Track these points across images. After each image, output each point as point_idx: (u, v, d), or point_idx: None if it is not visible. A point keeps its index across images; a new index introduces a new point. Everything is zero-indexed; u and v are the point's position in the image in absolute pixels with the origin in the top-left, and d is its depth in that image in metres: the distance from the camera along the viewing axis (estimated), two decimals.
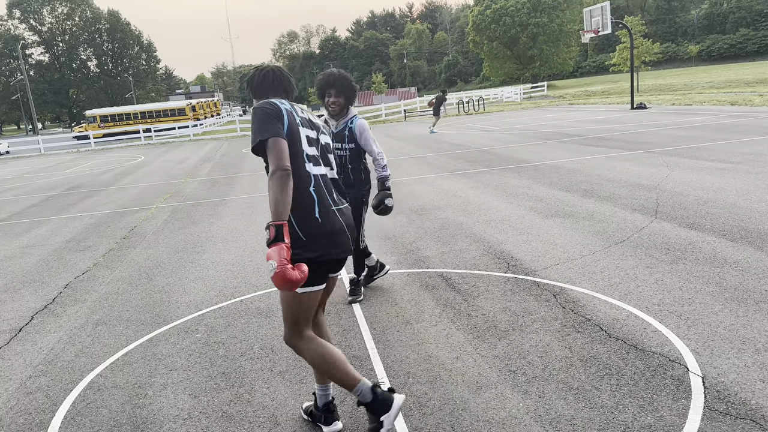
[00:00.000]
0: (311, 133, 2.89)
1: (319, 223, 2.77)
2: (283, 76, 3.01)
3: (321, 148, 2.95)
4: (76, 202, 12.69)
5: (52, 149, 37.40)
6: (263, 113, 2.75)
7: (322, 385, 3.09)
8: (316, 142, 2.91)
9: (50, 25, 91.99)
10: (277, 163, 2.61)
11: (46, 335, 4.92)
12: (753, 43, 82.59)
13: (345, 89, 4.58)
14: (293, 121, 2.80)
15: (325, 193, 2.83)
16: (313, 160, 2.84)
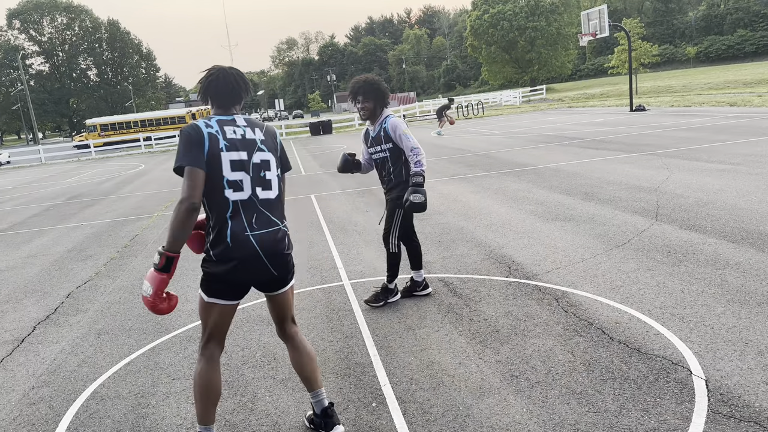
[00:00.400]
0: (240, 155, 2.80)
1: (229, 247, 2.77)
2: (230, 80, 2.91)
3: (254, 167, 2.84)
4: (77, 212, 12.70)
5: (52, 159, 37.47)
6: (186, 138, 2.77)
7: (312, 392, 3.14)
8: (246, 164, 2.81)
9: (50, 35, 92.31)
10: (187, 194, 2.67)
11: (48, 345, 4.92)
12: (751, 43, 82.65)
13: (371, 94, 4.60)
14: (215, 146, 2.76)
15: (242, 219, 2.79)
16: (234, 186, 2.78)
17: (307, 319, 4.83)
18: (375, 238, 7.42)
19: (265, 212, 2.85)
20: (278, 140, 3.02)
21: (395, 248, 4.83)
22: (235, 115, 2.94)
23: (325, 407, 3.11)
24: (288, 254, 2.94)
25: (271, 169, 2.90)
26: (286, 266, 2.93)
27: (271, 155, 2.92)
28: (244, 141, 2.84)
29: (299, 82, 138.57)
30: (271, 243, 2.84)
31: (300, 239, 7.78)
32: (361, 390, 3.58)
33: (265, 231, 2.83)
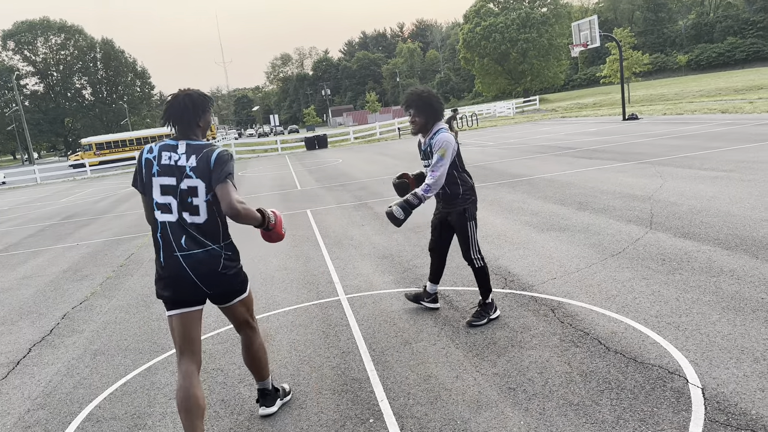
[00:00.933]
0: (169, 181, 2.99)
1: (161, 266, 3.05)
2: (178, 106, 3.08)
3: (181, 193, 2.98)
4: (73, 231, 12.68)
5: (48, 178, 37.44)
6: (137, 162, 3.17)
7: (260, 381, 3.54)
8: (174, 189, 2.99)
9: (44, 55, 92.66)
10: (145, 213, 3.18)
11: (43, 367, 4.89)
12: (741, 51, 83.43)
13: (423, 109, 4.50)
14: (149, 172, 3.04)
15: (170, 239, 2.99)
16: (162, 208, 3.00)
17: (304, 335, 4.82)
18: (371, 251, 7.43)
19: (194, 234, 3.00)
20: (211, 165, 2.99)
21: (480, 262, 4.63)
22: (180, 141, 3.08)
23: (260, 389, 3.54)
24: (223, 273, 3.06)
25: (198, 195, 3.00)
26: (220, 284, 3.09)
27: (198, 182, 2.99)
28: (175, 167, 3.01)
29: (294, 97, 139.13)
30: (200, 263, 3.00)
31: (296, 254, 7.77)
32: (359, 406, 3.56)
33: (194, 252, 2.99)
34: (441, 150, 4.37)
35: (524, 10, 76.38)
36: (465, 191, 4.60)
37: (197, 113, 3.10)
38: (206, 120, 3.16)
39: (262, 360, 3.49)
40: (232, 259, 3.12)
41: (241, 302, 3.27)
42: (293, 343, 4.69)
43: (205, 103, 3.13)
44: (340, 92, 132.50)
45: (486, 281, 4.63)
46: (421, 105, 4.51)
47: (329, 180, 16.72)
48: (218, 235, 3.07)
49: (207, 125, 3.18)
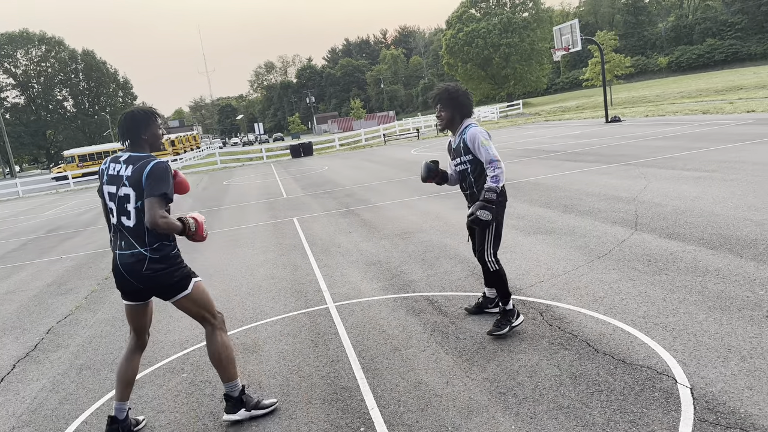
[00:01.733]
0: (112, 189, 3.42)
1: (112, 260, 3.54)
2: (121, 124, 3.50)
3: (119, 199, 3.40)
4: (57, 245, 12.53)
5: (30, 192, 37.01)
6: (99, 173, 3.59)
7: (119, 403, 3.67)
8: (114, 196, 3.42)
9: (25, 67, 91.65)
10: None
11: (28, 384, 4.81)
12: (720, 52, 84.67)
13: (448, 103, 4.42)
14: (102, 181, 3.50)
15: (115, 240, 3.49)
16: (110, 212, 3.47)
17: (292, 345, 4.79)
18: (359, 258, 7.41)
19: (127, 236, 3.41)
20: (143, 177, 3.32)
21: (494, 265, 4.38)
22: (126, 153, 3.48)
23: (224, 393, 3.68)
24: (146, 274, 3.39)
25: (130, 201, 3.37)
26: (147, 282, 3.42)
27: (131, 190, 3.36)
28: (116, 177, 3.42)
29: (278, 105, 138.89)
30: (129, 262, 3.40)
31: (283, 263, 7.74)
32: (349, 415, 3.54)
33: (124, 252, 3.42)
34: (481, 142, 4.26)
35: (506, 15, 76.92)
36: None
37: (139, 129, 3.46)
38: (151, 133, 3.50)
39: (222, 359, 3.60)
40: (158, 262, 3.40)
41: (184, 299, 3.53)
42: (282, 353, 4.66)
43: (146, 119, 3.48)
44: (325, 99, 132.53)
45: (502, 286, 4.39)
46: (447, 99, 4.43)
47: (315, 187, 16.69)
48: (144, 239, 3.38)
49: (153, 137, 3.52)
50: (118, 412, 3.59)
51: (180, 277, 3.49)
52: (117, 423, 3.57)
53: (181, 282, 3.50)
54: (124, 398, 3.61)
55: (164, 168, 3.34)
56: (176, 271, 3.47)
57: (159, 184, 3.29)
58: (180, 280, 3.49)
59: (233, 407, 3.63)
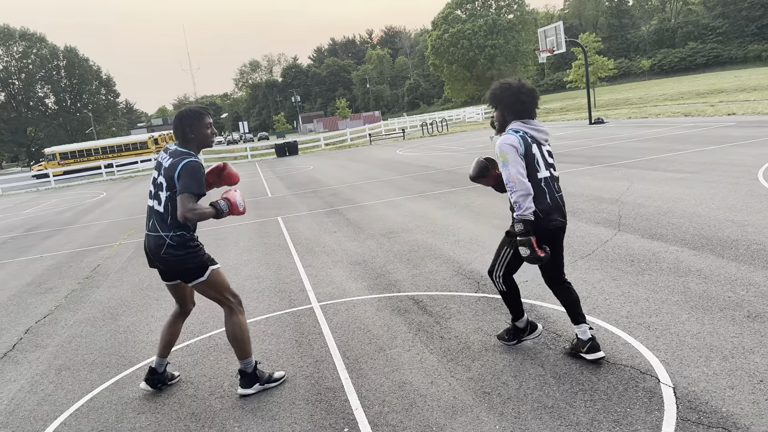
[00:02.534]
0: (155, 173, 3.80)
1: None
2: (174, 122, 3.86)
3: (156, 185, 3.77)
4: (37, 243, 12.34)
5: (10, 189, 36.46)
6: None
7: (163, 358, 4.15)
8: (154, 181, 3.80)
9: (5, 63, 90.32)
10: None
11: (6, 384, 4.72)
12: (701, 55, 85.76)
13: (495, 100, 3.82)
14: (154, 167, 3.88)
15: (147, 220, 3.83)
16: (150, 194, 3.84)
17: (276, 345, 4.75)
18: (343, 258, 7.38)
19: (154, 220, 3.75)
20: (176, 173, 3.61)
21: (500, 286, 3.99)
22: (173, 146, 3.82)
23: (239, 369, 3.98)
24: (164, 257, 3.70)
25: (162, 190, 3.71)
26: (165, 265, 3.77)
27: (163, 180, 3.70)
28: (159, 164, 3.80)
29: (263, 103, 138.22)
30: (152, 244, 3.75)
31: (267, 262, 7.68)
32: (333, 415, 3.51)
33: (151, 233, 3.77)
34: (501, 156, 3.63)
35: (491, 17, 77.33)
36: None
37: (185, 127, 3.77)
38: (197, 131, 3.79)
39: (238, 338, 3.87)
40: (176, 248, 3.69)
41: (201, 284, 3.81)
42: (266, 353, 4.61)
43: (193, 118, 3.78)
44: (310, 99, 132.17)
45: (512, 304, 4.03)
46: (494, 96, 3.84)
47: (300, 187, 16.62)
48: (167, 224, 3.68)
49: (201, 135, 3.80)
50: (158, 365, 4.11)
51: (196, 264, 3.76)
52: (156, 374, 4.09)
53: (198, 269, 3.77)
54: (163, 355, 4.10)
55: (196, 167, 3.61)
56: (193, 259, 3.74)
57: (189, 181, 3.56)
58: (195, 268, 3.77)
59: (248, 383, 3.90)
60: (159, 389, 4.14)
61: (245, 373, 3.91)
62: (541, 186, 3.65)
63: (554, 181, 3.75)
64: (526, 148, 3.63)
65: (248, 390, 3.90)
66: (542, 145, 3.75)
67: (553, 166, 3.77)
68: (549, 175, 3.70)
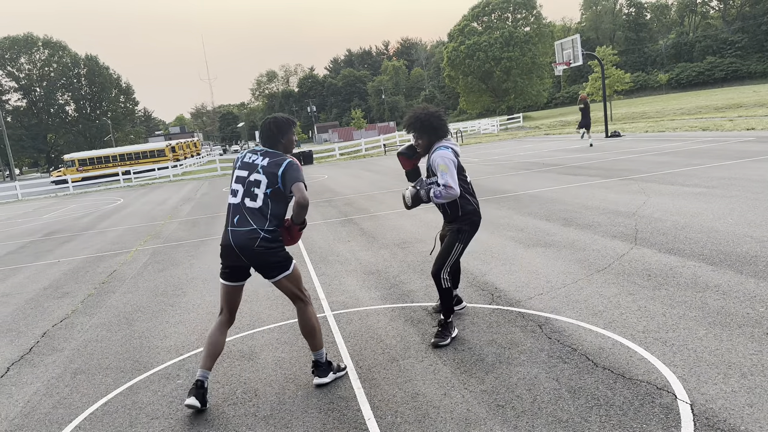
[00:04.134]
0: (243, 173, 3.92)
1: (222, 236, 3.99)
2: (266, 128, 4.02)
3: (248, 183, 3.88)
4: (54, 248, 12.49)
5: (30, 195, 36.97)
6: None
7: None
8: (244, 180, 3.91)
9: (28, 71, 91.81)
10: None
11: (22, 387, 4.77)
12: (720, 70, 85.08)
13: (421, 131, 4.55)
14: (235, 166, 4.02)
15: (229, 216, 3.92)
16: (232, 193, 3.96)
17: (289, 353, 4.76)
18: (357, 267, 7.38)
19: (245, 215, 3.85)
20: (281, 170, 3.83)
21: (447, 283, 4.54)
22: (264, 149, 4.01)
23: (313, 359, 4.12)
24: (256, 250, 3.81)
25: (260, 187, 3.84)
26: (254, 258, 3.85)
27: (263, 177, 3.84)
28: (251, 164, 3.93)
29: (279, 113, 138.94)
30: (243, 238, 3.81)
31: None
32: (345, 425, 3.51)
33: (238, 229, 3.84)
34: (440, 167, 4.36)
35: (508, 29, 77.35)
36: (466, 212, 4.58)
37: (280, 134, 4.01)
38: (288, 138, 4.05)
39: (311, 331, 4.06)
40: (270, 241, 3.84)
41: (285, 278, 3.97)
42: (279, 361, 4.62)
43: (287, 126, 4.04)
44: (326, 109, 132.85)
45: (449, 301, 4.58)
46: (417, 127, 4.54)
47: (315, 196, 16.67)
48: (264, 221, 3.85)
49: (289, 142, 4.06)
50: (203, 376, 4.00)
51: (283, 257, 3.95)
52: (203, 388, 3.94)
53: (284, 262, 3.96)
54: (208, 367, 4.01)
55: (298, 165, 3.94)
56: (281, 251, 3.94)
57: (299, 173, 3.87)
58: (283, 260, 3.95)
59: (323, 372, 4.08)
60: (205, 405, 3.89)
61: (320, 363, 4.09)
62: (470, 190, 4.64)
63: (471, 186, 4.73)
64: (457, 160, 4.48)
65: (324, 379, 4.06)
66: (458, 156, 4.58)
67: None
68: (470, 181, 4.72)
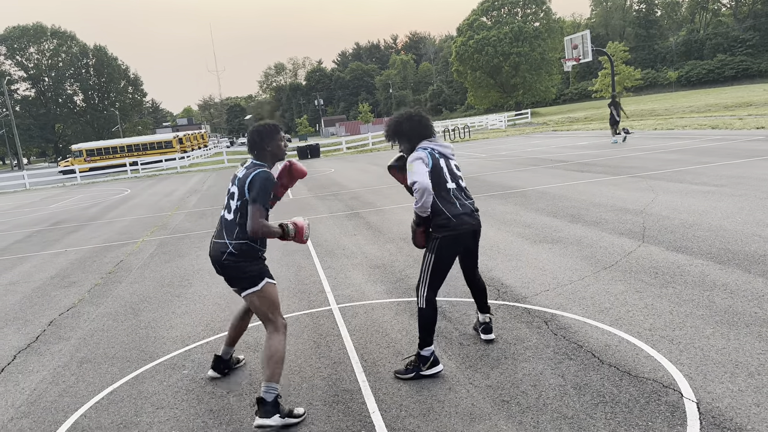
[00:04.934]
0: (230, 185, 3.88)
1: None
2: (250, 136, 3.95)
3: (229, 195, 3.86)
4: (61, 237, 12.55)
5: (37, 184, 37.15)
6: None
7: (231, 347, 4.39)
8: (228, 192, 3.88)
9: (37, 60, 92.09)
10: None
11: (28, 375, 4.80)
12: (730, 68, 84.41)
13: (396, 136, 4.21)
14: (230, 180, 3.93)
15: (216, 229, 3.94)
16: (224, 206, 3.93)
17: (294, 345, 4.77)
18: (363, 261, 7.38)
19: (222, 227, 3.85)
20: (247, 183, 3.69)
21: (422, 302, 3.98)
22: (250, 159, 3.94)
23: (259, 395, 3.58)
24: (224, 263, 3.76)
25: (234, 199, 3.79)
26: (223, 270, 3.81)
27: (236, 189, 3.78)
28: (234, 177, 3.89)
29: (287, 106, 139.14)
30: (216, 251, 3.83)
31: (287, 263, 7.72)
32: (350, 417, 3.51)
33: (216, 240, 3.88)
34: (409, 167, 3.98)
35: (517, 24, 76.94)
36: (439, 219, 3.98)
37: (263, 141, 3.89)
38: (274, 145, 3.91)
39: (271, 359, 3.62)
40: (236, 257, 3.74)
41: (253, 295, 3.78)
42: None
43: (269, 133, 3.91)
44: (333, 102, 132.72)
45: (424, 328, 3.95)
46: (392, 133, 4.23)
47: (321, 189, 16.68)
48: (233, 233, 3.76)
49: (277, 148, 3.93)
50: (224, 353, 4.35)
51: (251, 274, 3.78)
52: (221, 361, 4.32)
53: (252, 279, 3.78)
54: (230, 345, 4.34)
55: (269, 178, 3.71)
56: (249, 268, 3.77)
57: (261, 192, 3.65)
58: (251, 277, 3.78)
59: (268, 412, 3.45)
60: (225, 374, 4.35)
61: (264, 401, 3.47)
62: (450, 195, 4.06)
63: (461, 191, 4.16)
64: (433, 162, 4.03)
65: (267, 421, 3.43)
66: (450, 159, 4.18)
67: (460, 178, 4.21)
68: (456, 186, 4.11)
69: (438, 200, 3.99)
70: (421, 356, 3.95)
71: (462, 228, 4.02)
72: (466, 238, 4.09)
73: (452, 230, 3.98)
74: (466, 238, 4.10)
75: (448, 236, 3.98)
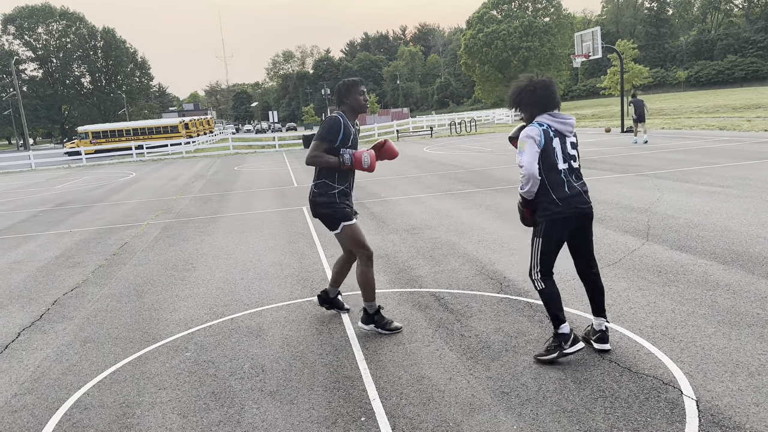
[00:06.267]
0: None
1: None
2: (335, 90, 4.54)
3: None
4: (66, 218, 12.59)
5: (43, 165, 37.24)
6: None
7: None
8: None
9: (45, 41, 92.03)
10: None
11: (32, 352, 4.84)
12: (740, 69, 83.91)
13: (520, 107, 3.96)
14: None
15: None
16: None
17: (297, 331, 4.79)
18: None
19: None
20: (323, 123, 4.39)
21: (539, 284, 3.94)
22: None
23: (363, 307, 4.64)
24: (312, 201, 4.52)
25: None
26: (312, 207, 4.54)
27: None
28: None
29: (293, 94, 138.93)
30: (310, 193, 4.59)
31: (291, 251, 7.74)
32: (350, 404, 3.54)
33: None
34: (520, 144, 3.84)
35: (527, 19, 76.62)
36: (544, 201, 3.86)
37: (341, 95, 4.44)
38: (352, 98, 4.41)
39: (364, 283, 4.54)
40: (319, 195, 4.46)
41: (337, 236, 4.54)
42: (286, 339, 4.66)
43: (347, 88, 4.42)
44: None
45: (549, 308, 3.89)
46: (515, 103, 4.00)
47: None
48: (315, 174, 4.49)
49: (355, 102, 4.43)
50: (330, 291, 5.04)
51: (330, 216, 4.43)
52: (327, 296, 5.05)
53: (333, 221, 4.44)
54: (334, 285, 5.00)
55: (336, 121, 4.32)
56: (328, 209, 4.42)
57: (323, 131, 4.32)
58: (331, 220, 4.45)
59: (368, 320, 4.58)
60: (327, 308, 5.10)
61: (367, 312, 4.58)
62: (560, 176, 3.84)
63: (572, 173, 3.91)
64: (546, 141, 3.80)
65: (365, 326, 4.60)
66: (566, 137, 3.89)
67: (573, 158, 3.92)
68: (568, 167, 3.87)
69: (546, 181, 3.83)
70: (560, 335, 3.83)
71: (568, 212, 3.87)
72: (572, 221, 3.91)
73: (558, 214, 3.85)
74: (573, 222, 3.92)
75: (554, 220, 3.86)
